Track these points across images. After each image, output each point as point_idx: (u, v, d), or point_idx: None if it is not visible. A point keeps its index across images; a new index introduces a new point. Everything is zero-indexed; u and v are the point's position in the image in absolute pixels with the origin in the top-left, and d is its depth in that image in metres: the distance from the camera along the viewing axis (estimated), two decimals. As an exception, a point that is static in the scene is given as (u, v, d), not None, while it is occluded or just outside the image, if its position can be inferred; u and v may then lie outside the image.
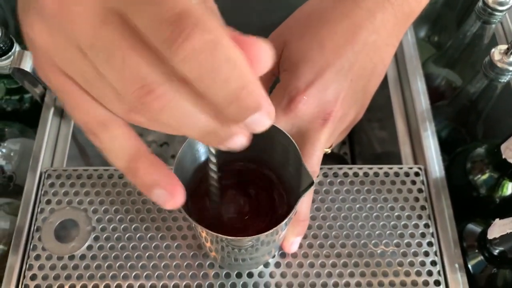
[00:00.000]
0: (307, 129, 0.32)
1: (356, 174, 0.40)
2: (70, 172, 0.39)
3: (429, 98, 0.45)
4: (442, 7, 0.52)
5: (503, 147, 0.37)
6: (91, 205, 0.38)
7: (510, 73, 0.39)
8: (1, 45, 0.42)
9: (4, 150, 0.43)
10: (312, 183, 0.26)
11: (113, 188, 0.39)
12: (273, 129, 0.28)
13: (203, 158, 0.29)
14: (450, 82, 0.50)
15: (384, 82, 0.47)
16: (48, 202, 0.38)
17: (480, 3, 0.43)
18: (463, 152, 0.43)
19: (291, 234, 0.33)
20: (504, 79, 0.39)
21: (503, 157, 0.37)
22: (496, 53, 0.39)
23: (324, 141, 0.32)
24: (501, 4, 0.42)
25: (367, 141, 0.57)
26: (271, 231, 0.25)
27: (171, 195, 0.18)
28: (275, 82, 0.35)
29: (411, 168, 0.40)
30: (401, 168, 0.40)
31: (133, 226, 0.37)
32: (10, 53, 0.43)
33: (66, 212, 0.38)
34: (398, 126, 0.45)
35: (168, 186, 0.18)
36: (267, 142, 0.30)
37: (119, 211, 0.38)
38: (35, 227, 0.37)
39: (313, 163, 0.32)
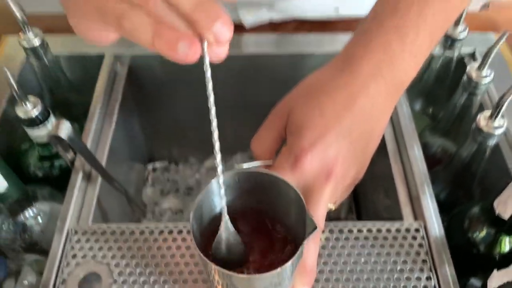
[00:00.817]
0: (312, 185, 0.35)
1: (360, 230, 0.42)
2: (95, 228, 0.43)
3: (427, 164, 0.49)
4: (434, 82, 0.58)
5: (495, 203, 0.40)
6: (113, 260, 0.41)
7: (496, 136, 0.43)
8: (40, 117, 0.47)
9: (34, 211, 0.46)
10: (315, 228, 0.29)
11: (134, 243, 0.42)
12: (280, 182, 0.32)
13: (217, 208, 0.33)
14: (445, 149, 0.54)
15: (385, 152, 0.51)
16: (74, 256, 0.41)
17: (465, 78, 0.49)
18: (460, 212, 0.46)
19: (298, 283, 0.36)
20: (491, 142, 0.43)
21: (497, 213, 0.40)
22: (482, 118, 0.43)
23: (327, 196, 0.36)
24: (483, 77, 0.47)
25: (371, 203, 0.60)
26: (278, 270, 0.28)
27: (192, 44, 0.24)
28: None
29: (411, 224, 0.43)
30: (402, 225, 0.43)
31: (151, 279, 0.40)
32: (46, 122, 0.48)
33: (89, 266, 0.40)
34: (399, 190, 0.48)
35: (188, 38, 0.24)
36: (275, 194, 0.33)
37: (139, 265, 0.40)
38: (61, 280, 0.40)
39: (318, 217, 0.35)
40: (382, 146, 0.52)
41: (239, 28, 0.65)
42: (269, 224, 0.35)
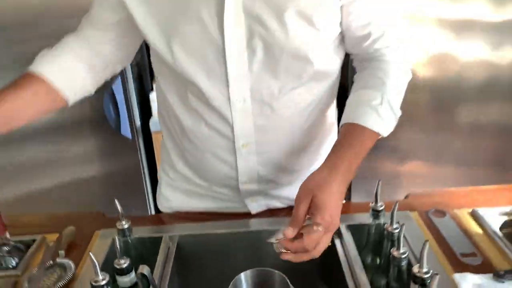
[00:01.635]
0: None
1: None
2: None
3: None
4: (373, 240, 0.89)
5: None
6: None
7: (403, 259, 0.73)
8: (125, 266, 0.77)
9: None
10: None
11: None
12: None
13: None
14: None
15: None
16: None
17: (385, 232, 0.81)
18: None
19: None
20: (403, 262, 0.73)
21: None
22: (394, 251, 0.74)
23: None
24: (395, 230, 0.79)
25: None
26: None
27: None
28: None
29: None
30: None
31: None
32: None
33: None
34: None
35: None
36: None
37: None
38: None
39: None
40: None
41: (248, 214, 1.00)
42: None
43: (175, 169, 1.03)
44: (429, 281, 0.65)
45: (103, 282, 0.70)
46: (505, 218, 0.92)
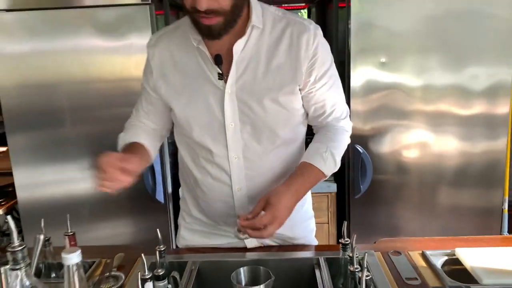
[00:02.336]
0: None
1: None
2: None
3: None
4: (343, 272, 1.19)
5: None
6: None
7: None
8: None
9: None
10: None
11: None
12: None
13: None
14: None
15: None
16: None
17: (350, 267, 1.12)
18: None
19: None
20: None
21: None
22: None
23: None
24: (356, 270, 1.10)
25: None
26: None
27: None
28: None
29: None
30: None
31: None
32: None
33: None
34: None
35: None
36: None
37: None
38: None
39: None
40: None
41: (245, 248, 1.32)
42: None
43: (190, 215, 1.40)
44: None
45: (148, 276, 1.03)
46: (446, 257, 1.22)
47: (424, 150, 2.13)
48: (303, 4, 3.29)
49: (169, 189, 2.22)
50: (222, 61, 1.15)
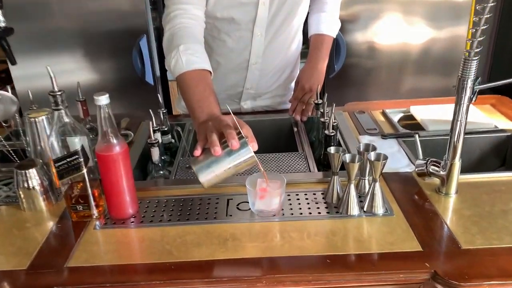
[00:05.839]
0: None
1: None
2: None
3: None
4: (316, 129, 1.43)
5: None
6: None
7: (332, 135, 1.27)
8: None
9: (166, 161, 1.25)
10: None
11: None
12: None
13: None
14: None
15: None
16: None
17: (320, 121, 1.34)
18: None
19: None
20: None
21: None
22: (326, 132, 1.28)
23: None
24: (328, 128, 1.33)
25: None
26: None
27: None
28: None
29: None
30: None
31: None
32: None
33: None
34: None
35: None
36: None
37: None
38: None
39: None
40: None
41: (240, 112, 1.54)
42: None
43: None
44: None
45: (157, 128, 1.24)
46: (402, 114, 1.46)
47: (393, 36, 2.32)
48: None
49: (157, 73, 2.38)
50: None
